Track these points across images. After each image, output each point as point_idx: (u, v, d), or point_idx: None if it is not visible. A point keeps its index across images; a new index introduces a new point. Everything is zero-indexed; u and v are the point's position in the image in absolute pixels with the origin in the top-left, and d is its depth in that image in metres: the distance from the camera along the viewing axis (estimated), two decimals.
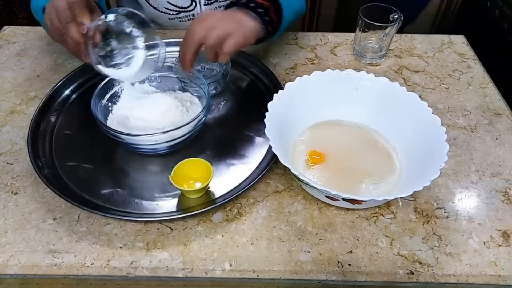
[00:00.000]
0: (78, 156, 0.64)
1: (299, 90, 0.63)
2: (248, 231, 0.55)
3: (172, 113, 0.64)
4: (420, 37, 0.91)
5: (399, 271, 0.51)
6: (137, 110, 0.64)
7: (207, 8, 0.89)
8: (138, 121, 0.63)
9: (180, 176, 0.56)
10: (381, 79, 0.64)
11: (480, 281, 0.51)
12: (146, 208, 0.57)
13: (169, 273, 0.51)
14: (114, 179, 0.61)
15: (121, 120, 0.64)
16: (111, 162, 0.64)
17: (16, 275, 0.51)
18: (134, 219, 0.56)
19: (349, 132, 0.65)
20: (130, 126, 0.62)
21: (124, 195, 0.59)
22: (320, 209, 0.58)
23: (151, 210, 0.57)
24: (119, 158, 0.64)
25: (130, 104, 0.66)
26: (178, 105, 0.65)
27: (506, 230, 0.56)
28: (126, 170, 0.63)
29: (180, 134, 0.60)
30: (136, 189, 0.60)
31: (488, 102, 0.76)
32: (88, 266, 0.51)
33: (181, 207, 0.57)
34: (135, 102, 0.67)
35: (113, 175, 0.62)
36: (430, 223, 0.56)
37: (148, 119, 0.63)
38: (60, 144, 0.66)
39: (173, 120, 0.63)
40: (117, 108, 0.66)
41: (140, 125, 0.62)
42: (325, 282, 0.51)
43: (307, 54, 0.85)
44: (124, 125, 0.63)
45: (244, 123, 0.70)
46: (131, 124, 0.63)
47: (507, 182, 0.62)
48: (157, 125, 0.62)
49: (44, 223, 0.55)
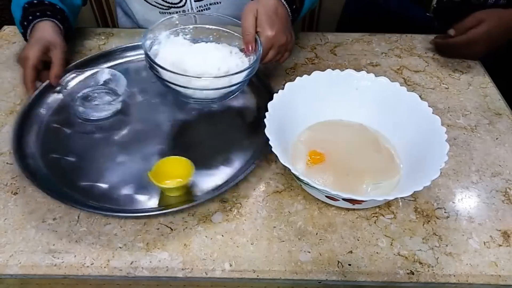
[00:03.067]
0: (59, 149, 0.64)
1: (299, 90, 0.63)
2: (248, 231, 0.55)
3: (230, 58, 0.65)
4: (420, 37, 0.91)
5: (399, 271, 0.51)
6: (190, 56, 0.64)
7: (198, 5, 0.89)
8: (195, 66, 0.62)
9: (160, 174, 0.56)
10: (381, 79, 0.64)
11: (480, 281, 0.51)
12: (126, 204, 0.57)
13: (169, 273, 0.51)
14: (94, 173, 0.61)
15: (174, 64, 0.63)
16: (92, 156, 0.64)
17: (16, 275, 0.51)
18: (114, 214, 0.56)
19: (349, 132, 0.65)
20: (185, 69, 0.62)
21: (104, 190, 0.59)
22: (320, 209, 0.58)
23: (131, 206, 0.57)
24: (100, 153, 0.64)
25: (179, 51, 0.66)
26: (231, 51, 0.67)
27: (506, 230, 0.56)
28: (107, 165, 0.62)
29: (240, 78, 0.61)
30: (116, 184, 0.60)
31: (488, 102, 0.76)
32: (88, 266, 0.51)
33: (161, 204, 0.57)
34: (184, 49, 0.67)
35: (93, 169, 0.62)
36: (430, 223, 0.56)
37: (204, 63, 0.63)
38: (43, 137, 0.66)
39: (230, 65, 0.64)
40: (163, 56, 0.65)
41: (198, 70, 0.62)
42: (325, 282, 0.51)
43: (307, 54, 0.85)
44: (179, 69, 0.62)
45: (232, 124, 0.70)
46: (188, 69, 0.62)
47: (507, 182, 0.62)
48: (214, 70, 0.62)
49: (44, 223, 0.55)
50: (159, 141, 0.66)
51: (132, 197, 0.58)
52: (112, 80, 0.73)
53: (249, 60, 0.67)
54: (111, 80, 0.73)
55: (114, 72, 0.73)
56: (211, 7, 0.91)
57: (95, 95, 0.73)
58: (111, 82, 0.73)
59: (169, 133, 0.68)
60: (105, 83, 0.73)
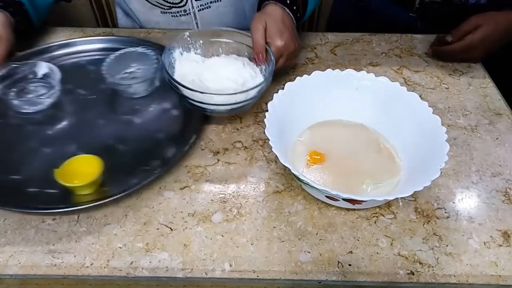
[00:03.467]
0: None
1: (299, 90, 0.63)
2: (248, 231, 0.55)
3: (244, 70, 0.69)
4: (420, 37, 0.91)
5: (400, 272, 0.51)
6: (208, 73, 0.68)
7: (199, 4, 0.89)
8: (215, 82, 0.66)
9: (70, 173, 0.56)
10: (381, 79, 0.64)
11: (481, 281, 0.51)
12: (31, 201, 0.57)
13: (169, 274, 0.51)
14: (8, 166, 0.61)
15: (194, 82, 0.66)
16: (13, 149, 0.64)
17: (16, 275, 0.51)
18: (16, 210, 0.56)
19: (349, 132, 0.65)
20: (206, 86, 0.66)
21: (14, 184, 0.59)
22: (320, 209, 0.58)
23: (40, 202, 0.57)
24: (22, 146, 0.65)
25: (195, 67, 0.70)
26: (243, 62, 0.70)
27: (507, 230, 0.56)
28: (24, 159, 0.62)
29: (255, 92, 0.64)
30: (26, 179, 0.59)
31: (488, 102, 0.76)
32: (88, 267, 0.51)
33: (70, 202, 0.57)
34: (200, 65, 0.70)
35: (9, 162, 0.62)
36: (431, 223, 0.56)
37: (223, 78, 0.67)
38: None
39: (246, 77, 0.67)
40: (181, 73, 0.69)
41: (216, 87, 0.65)
42: (325, 282, 0.51)
43: (307, 54, 0.85)
44: (199, 86, 0.65)
45: (163, 123, 0.70)
46: (208, 85, 0.66)
47: (507, 182, 0.62)
48: (232, 84, 0.66)
49: (44, 223, 0.55)
50: (85, 138, 0.66)
51: (42, 193, 0.58)
52: (50, 74, 0.73)
53: (260, 70, 0.70)
54: (49, 74, 0.73)
55: (51, 66, 0.73)
56: (211, 5, 0.91)
57: (32, 88, 0.73)
58: (49, 76, 0.73)
59: (96, 130, 0.68)
60: (43, 77, 0.73)
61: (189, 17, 0.93)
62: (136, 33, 0.90)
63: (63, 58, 0.81)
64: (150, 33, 0.90)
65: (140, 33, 0.90)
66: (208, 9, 0.92)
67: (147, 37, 0.89)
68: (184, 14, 0.92)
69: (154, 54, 0.75)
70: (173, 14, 0.92)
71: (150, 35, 0.90)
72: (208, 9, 0.92)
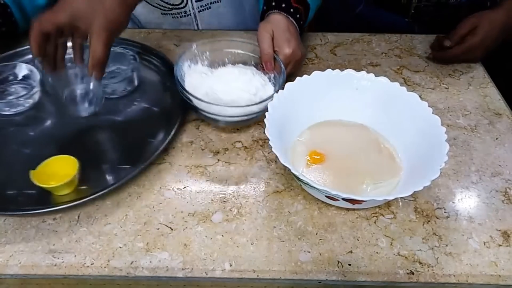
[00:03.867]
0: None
1: (299, 90, 0.63)
2: (248, 231, 0.55)
3: (254, 79, 0.69)
4: (420, 37, 0.91)
5: (399, 271, 0.51)
6: (220, 85, 0.68)
7: (199, 5, 0.90)
8: (227, 93, 0.66)
9: (46, 174, 0.56)
10: (381, 79, 0.64)
11: (480, 281, 0.51)
12: (10, 202, 0.57)
13: (169, 273, 0.51)
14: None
15: (207, 94, 0.67)
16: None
17: (16, 275, 0.51)
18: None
19: (349, 132, 0.65)
20: (219, 98, 0.66)
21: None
22: (320, 209, 0.58)
23: (16, 204, 0.57)
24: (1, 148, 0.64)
25: (206, 79, 0.69)
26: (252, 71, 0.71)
27: (506, 230, 0.56)
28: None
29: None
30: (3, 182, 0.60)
31: (488, 102, 0.76)
32: (88, 266, 0.51)
33: (52, 202, 0.57)
34: (211, 77, 0.70)
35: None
36: (430, 223, 0.56)
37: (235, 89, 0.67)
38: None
39: (257, 86, 0.68)
40: (193, 86, 0.68)
41: (230, 98, 0.66)
42: (325, 282, 0.51)
43: (307, 54, 0.85)
44: (212, 97, 0.66)
45: (142, 122, 0.70)
46: (222, 97, 0.66)
47: (507, 182, 0.62)
48: (245, 94, 0.66)
49: (44, 223, 0.55)
50: (65, 138, 0.66)
51: (20, 194, 0.58)
52: (30, 75, 0.73)
53: (269, 78, 0.71)
54: (29, 75, 0.73)
55: (31, 67, 0.73)
56: (211, 6, 0.91)
57: (12, 89, 0.73)
58: (29, 77, 0.73)
59: (76, 131, 0.68)
60: (23, 78, 0.74)
61: (189, 18, 0.93)
62: (136, 33, 0.90)
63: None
64: (150, 33, 0.90)
65: (141, 33, 0.90)
66: (208, 10, 0.92)
67: (147, 37, 0.89)
68: (185, 15, 0.92)
69: (131, 53, 0.75)
70: (174, 15, 0.92)
71: (150, 35, 0.90)
72: (208, 10, 0.92)
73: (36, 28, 0.56)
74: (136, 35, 0.88)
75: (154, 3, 0.89)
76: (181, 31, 0.91)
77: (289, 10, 0.73)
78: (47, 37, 0.57)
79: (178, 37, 0.89)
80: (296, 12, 0.74)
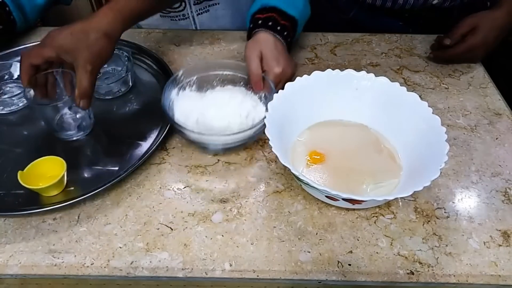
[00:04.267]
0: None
1: (299, 90, 0.63)
2: (248, 231, 0.55)
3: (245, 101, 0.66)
4: (420, 37, 0.91)
5: (399, 271, 0.51)
6: (212, 110, 0.64)
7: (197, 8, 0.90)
8: (219, 120, 0.63)
9: (34, 175, 0.56)
10: (381, 79, 0.64)
11: (480, 281, 0.51)
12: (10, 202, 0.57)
13: (169, 273, 0.51)
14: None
15: (199, 122, 0.64)
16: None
17: (16, 275, 0.51)
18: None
19: (349, 132, 0.65)
20: (211, 125, 0.63)
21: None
22: (320, 209, 0.58)
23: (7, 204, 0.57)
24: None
25: (196, 106, 0.66)
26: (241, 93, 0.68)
27: (506, 230, 0.56)
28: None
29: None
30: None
31: (488, 102, 0.76)
32: (88, 266, 0.51)
33: (41, 204, 0.57)
34: (200, 103, 0.67)
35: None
36: (430, 223, 0.56)
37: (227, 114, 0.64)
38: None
39: (249, 108, 0.65)
40: (183, 114, 0.65)
41: (222, 124, 0.63)
42: (325, 282, 0.51)
43: (307, 54, 0.85)
44: (204, 124, 0.63)
45: (136, 123, 0.70)
46: (214, 124, 0.63)
47: (507, 182, 0.62)
48: (237, 118, 0.64)
49: (44, 223, 0.55)
50: (58, 139, 0.66)
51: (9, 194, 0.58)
52: None
53: (259, 97, 0.69)
54: None
55: None
56: (209, 9, 0.92)
57: (7, 89, 0.74)
58: None
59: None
60: (19, 78, 0.73)
61: (188, 21, 0.93)
62: (136, 33, 0.90)
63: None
64: (150, 33, 0.90)
65: (140, 33, 0.90)
66: (206, 13, 0.92)
67: (147, 37, 0.89)
68: (183, 18, 0.92)
69: (126, 54, 0.75)
70: (172, 18, 0.92)
71: (150, 35, 0.90)
72: (206, 13, 0.92)
73: (25, 61, 0.59)
74: (136, 35, 0.88)
75: None
76: (181, 31, 0.91)
77: (276, 28, 0.72)
78: (37, 68, 0.60)
79: (178, 37, 0.89)
80: (284, 30, 0.73)
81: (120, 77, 0.73)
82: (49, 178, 0.56)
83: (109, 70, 0.77)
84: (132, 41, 0.83)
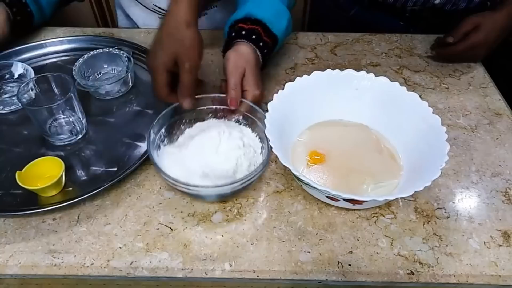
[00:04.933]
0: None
1: (299, 90, 0.63)
2: (248, 231, 0.55)
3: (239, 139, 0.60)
4: (420, 37, 0.91)
5: (400, 272, 0.51)
6: (213, 158, 0.58)
7: None
8: (220, 164, 0.58)
9: (32, 176, 0.56)
10: (381, 79, 0.64)
11: (480, 281, 0.51)
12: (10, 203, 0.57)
13: (169, 274, 0.51)
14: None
15: (204, 172, 0.57)
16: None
17: (16, 275, 0.51)
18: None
19: (350, 132, 0.65)
20: (221, 169, 0.57)
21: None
22: (320, 209, 0.58)
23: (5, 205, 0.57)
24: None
25: (192, 158, 0.59)
26: (230, 132, 0.61)
27: (507, 230, 0.56)
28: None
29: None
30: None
31: (488, 102, 0.76)
32: (88, 266, 0.51)
33: (40, 204, 0.57)
34: (197, 150, 0.59)
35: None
36: (431, 223, 0.56)
37: (226, 158, 0.58)
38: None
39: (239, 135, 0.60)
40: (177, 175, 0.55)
41: (228, 165, 0.58)
42: (325, 282, 0.51)
43: (307, 54, 0.85)
44: (213, 172, 0.57)
45: (135, 124, 0.69)
46: (216, 169, 0.57)
47: (507, 182, 0.62)
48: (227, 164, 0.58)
49: (44, 223, 0.55)
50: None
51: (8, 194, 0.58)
52: (25, 74, 0.74)
53: (236, 121, 0.64)
54: (24, 74, 0.74)
55: (26, 66, 0.74)
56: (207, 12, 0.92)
57: (8, 88, 0.74)
58: (24, 76, 0.74)
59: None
60: (19, 77, 0.74)
61: None
62: (136, 33, 0.90)
63: (39, 59, 0.81)
64: (150, 33, 0.90)
65: (140, 33, 0.90)
66: (204, 16, 0.92)
67: (147, 37, 0.89)
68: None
69: (125, 54, 0.75)
70: None
71: (150, 35, 0.90)
72: (204, 16, 0.92)
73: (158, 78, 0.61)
74: (136, 35, 0.88)
75: (152, 7, 0.90)
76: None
77: (259, 43, 0.69)
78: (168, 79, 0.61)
79: None
80: (265, 47, 0.69)
81: (120, 77, 0.73)
82: (47, 178, 0.56)
83: (109, 70, 0.77)
84: (132, 41, 0.83)
